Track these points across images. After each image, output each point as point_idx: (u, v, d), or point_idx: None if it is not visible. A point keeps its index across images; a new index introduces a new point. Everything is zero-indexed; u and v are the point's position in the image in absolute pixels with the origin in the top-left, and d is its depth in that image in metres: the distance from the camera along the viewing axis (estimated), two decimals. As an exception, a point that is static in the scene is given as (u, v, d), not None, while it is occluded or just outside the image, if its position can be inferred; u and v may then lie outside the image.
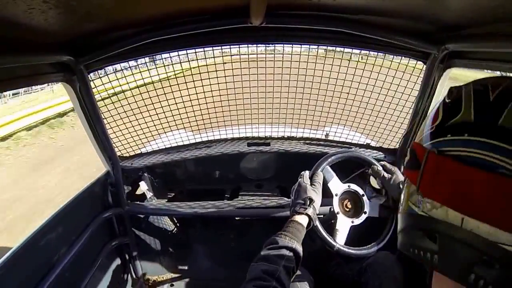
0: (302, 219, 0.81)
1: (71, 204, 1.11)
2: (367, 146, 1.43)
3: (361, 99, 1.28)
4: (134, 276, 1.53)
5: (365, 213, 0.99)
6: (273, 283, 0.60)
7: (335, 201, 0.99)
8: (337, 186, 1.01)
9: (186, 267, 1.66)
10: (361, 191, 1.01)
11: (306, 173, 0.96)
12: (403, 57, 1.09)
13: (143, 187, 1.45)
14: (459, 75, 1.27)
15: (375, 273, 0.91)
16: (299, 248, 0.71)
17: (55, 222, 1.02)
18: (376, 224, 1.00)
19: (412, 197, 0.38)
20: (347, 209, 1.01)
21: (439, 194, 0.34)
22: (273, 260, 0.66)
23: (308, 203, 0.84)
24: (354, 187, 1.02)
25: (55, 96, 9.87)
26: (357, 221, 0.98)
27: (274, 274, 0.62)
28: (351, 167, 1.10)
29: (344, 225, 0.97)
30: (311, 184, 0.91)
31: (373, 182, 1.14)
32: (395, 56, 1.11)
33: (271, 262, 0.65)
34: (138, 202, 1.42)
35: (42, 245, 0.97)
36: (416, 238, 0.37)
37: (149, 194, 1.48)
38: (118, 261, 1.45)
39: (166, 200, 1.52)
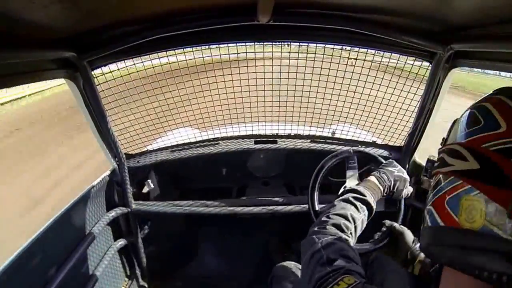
0: (381, 190, 0.85)
1: (77, 203, 1.10)
2: (373, 144, 1.44)
3: (367, 97, 1.29)
4: (140, 274, 1.53)
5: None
6: (353, 226, 0.66)
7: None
8: (351, 182, 1.02)
9: (193, 265, 1.66)
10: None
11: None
12: (408, 56, 1.10)
13: (149, 185, 1.44)
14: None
15: (380, 267, 0.93)
16: (374, 210, 0.78)
17: (61, 221, 1.02)
18: (382, 219, 1.00)
19: (494, 217, 0.34)
20: None
21: None
22: (358, 209, 0.72)
23: (389, 191, 0.88)
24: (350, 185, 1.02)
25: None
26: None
27: (356, 221, 0.68)
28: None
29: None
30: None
31: None
32: (400, 55, 1.12)
33: (357, 210, 0.72)
34: (144, 201, 1.41)
35: (49, 244, 0.96)
36: (489, 261, 0.34)
37: (155, 193, 1.46)
38: (124, 260, 1.44)
39: (173, 198, 1.51)
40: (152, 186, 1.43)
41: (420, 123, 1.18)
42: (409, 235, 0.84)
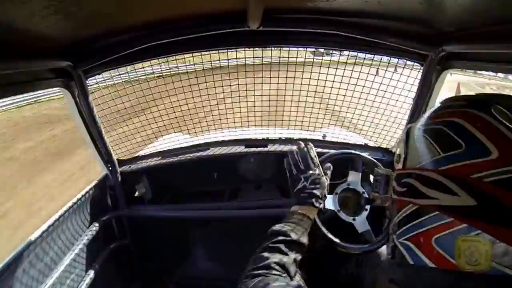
0: (312, 213, 0.75)
1: (69, 208, 1.11)
2: (365, 147, 1.42)
3: (357, 100, 1.28)
4: (133, 277, 1.53)
5: (366, 210, 0.98)
6: (281, 274, 0.58)
7: (335, 199, 0.99)
8: (331, 202, 0.99)
9: (185, 269, 1.66)
10: (361, 189, 1.00)
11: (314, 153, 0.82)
12: (400, 59, 1.10)
13: (141, 189, 1.45)
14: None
15: (371, 265, 0.91)
16: (306, 244, 0.69)
17: (54, 226, 1.03)
18: (378, 219, 0.99)
19: (503, 258, 0.30)
20: (348, 207, 1.00)
21: None
22: (284, 253, 0.63)
23: (323, 198, 0.77)
24: (353, 185, 1.01)
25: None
26: (358, 218, 0.97)
27: (284, 267, 0.60)
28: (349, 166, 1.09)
29: (364, 223, 0.96)
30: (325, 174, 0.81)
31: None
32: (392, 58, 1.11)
33: (283, 255, 0.62)
34: (136, 205, 1.43)
35: (41, 248, 0.97)
36: None
37: (147, 197, 1.48)
38: (117, 264, 1.44)
39: (165, 202, 1.52)
40: (144, 190, 1.45)
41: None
42: None
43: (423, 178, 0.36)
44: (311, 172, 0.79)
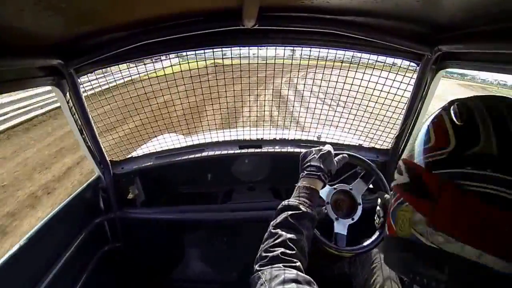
0: (318, 186, 0.77)
1: (62, 210, 1.09)
2: (360, 147, 1.42)
3: (353, 100, 1.27)
4: (126, 281, 1.51)
5: (360, 204, 0.97)
6: (297, 251, 0.59)
7: (329, 208, 0.97)
8: (326, 192, 0.98)
9: (179, 271, 1.64)
10: (347, 187, 0.99)
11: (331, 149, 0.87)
12: (396, 58, 1.09)
13: (134, 191, 1.43)
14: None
15: (363, 264, 0.92)
16: (316, 217, 0.72)
17: (46, 229, 1.01)
18: (371, 216, 0.98)
19: (418, 226, 0.37)
20: (343, 210, 0.99)
21: (457, 230, 0.33)
22: (297, 229, 0.64)
23: (328, 173, 0.81)
24: (340, 186, 1.00)
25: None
26: (356, 216, 0.96)
27: (298, 243, 0.61)
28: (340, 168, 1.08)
29: (344, 227, 0.95)
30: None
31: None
32: (387, 57, 1.11)
33: (296, 231, 0.64)
34: (129, 207, 1.41)
35: (33, 252, 0.95)
36: (419, 266, 0.37)
37: (140, 199, 1.46)
38: (110, 267, 1.42)
39: (158, 204, 1.50)
40: (137, 192, 1.43)
41: (407, 125, 1.16)
42: None
43: (397, 166, 0.47)
44: (322, 147, 0.87)
